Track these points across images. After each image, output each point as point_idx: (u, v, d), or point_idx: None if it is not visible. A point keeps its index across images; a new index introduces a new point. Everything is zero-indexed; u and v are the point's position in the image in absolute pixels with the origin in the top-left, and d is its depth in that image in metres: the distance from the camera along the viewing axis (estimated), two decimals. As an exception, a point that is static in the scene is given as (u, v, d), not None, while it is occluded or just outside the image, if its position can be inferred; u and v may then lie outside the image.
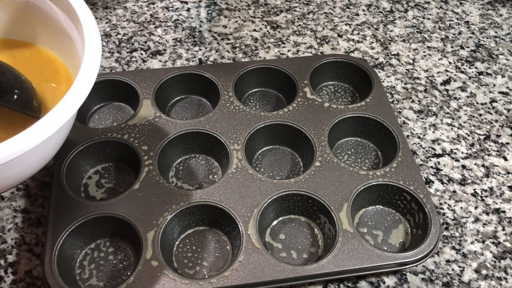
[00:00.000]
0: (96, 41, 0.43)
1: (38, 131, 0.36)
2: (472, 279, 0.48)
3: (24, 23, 0.51)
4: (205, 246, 0.48)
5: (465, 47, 0.71)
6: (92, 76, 0.40)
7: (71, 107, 0.38)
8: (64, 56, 0.51)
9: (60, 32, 0.48)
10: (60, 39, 0.49)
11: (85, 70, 0.40)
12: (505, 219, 0.53)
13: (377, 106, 0.58)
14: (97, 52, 0.42)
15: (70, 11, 0.45)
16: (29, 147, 0.35)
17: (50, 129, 0.36)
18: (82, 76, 0.40)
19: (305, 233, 0.50)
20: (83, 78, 0.40)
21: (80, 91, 0.39)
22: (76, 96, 0.39)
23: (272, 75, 0.61)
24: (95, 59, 0.41)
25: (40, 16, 0.49)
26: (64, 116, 0.37)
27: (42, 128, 0.36)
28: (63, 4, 0.46)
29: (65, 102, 0.38)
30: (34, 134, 0.35)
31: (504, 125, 0.62)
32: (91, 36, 0.43)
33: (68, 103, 0.38)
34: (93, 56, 0.41)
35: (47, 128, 0.36)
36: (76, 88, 0.39)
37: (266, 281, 0.44)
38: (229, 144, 0.53)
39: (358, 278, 0.48)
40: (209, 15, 0.73)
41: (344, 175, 0.51)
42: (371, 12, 0.76)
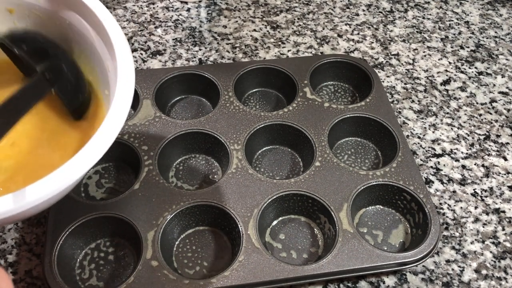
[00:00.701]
0: (130, 77, 0.40)
1: (72, 170, 0.34)
2: (472, 279, 0.48)
3: (59, 40, 0.49)
4: (205, 246, 0.48)
5: (465, 47, 0.71)
6: (125, 111, 0.38)
7: (105, 142, 0.36)
8: (96, 80, 0.49)
9: (94, 57, 0.46)
10: (93, 63, 0.47)
11: (118, 105, 0.38)
12: (505, 219, 0.53)
13: (377, 106, 0.58)
14: (131, 88, 0.40)
15: (106, 39, 0.43)
16: (61, 188, 0.34)
17: (86, 165, 0.35)
18: (115, 110, 0.38)
19: (305, 233, 0.50)
20: (116, 113, 0.37)
21: (113, 127, 0.37)
22: (111, 131, 0.37)
23: (272, 75, 0.61)
24: (128, 95, 0.39)
25: (76, 37, 0.47)
26: (99, 151, 0.36)
27: (77, 167, 0.34)
28: (99, 28, 0.44)
29: (100, 136, 0.36)
30: (68, 173, 0.34)
31: (504, 125, 0.62)
32: (126, 70, 0.40)
33: (103, 137, 0.36)
34: (126, 92, 0.39)
35: (83, 165, 0.34)
36: (110, 122, 0.37)
37: (266, 281, 0.44)
38: (229, 144, 0.53)
39: (358, 278, 0.48)
40: (209, 15, 0.73)
41: (344, 175, 0.51)
42: (371, 12, 0.76)
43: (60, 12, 0.46)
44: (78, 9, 0.45)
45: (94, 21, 0.44)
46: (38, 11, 0.47)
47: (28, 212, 0.33)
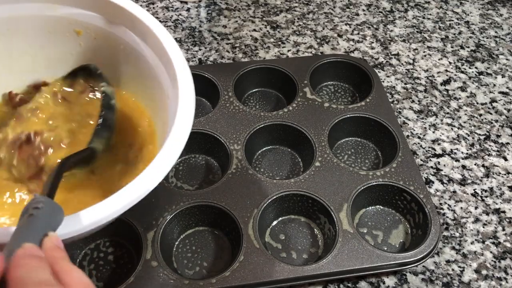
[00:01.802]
0: (190, 107, 0.40)
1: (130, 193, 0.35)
2: (472, 279, 0.48)
3: (117, 64, 0.50)
4: (205, 246, 0.48)
5: (465, 47, 0.71)
6: (183, 139, 0.38)
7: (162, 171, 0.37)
8: (151, 107, 0.49)
9: (154, 84, 0.46)
10: (151, 90, 0.47)
11: (176, 134, 0.38)
12: (505, 219, 0.53)
13: (377, 106, 0.58)
14: (190, 117, 0.40)
15: (169, 68, 0.43)
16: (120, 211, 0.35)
17: (143, 192, 0.36)
18: (173, 139, 0.38)
19: (305, 233, 0.50)
20: (174, 142, 0.38)
21: (171, 154, 0.37)
22: (167, 160, 0.37)
23: (272, 75, 0.61)
24: (187, 124, 0.39)
25: (139, 63, 0.47)
26: (156, 179, 0.36)
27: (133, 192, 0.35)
28: (163, 57, 0.44)
29: (156, 165, 0.36)
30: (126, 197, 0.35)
31: (504, 125, 0.62)
32: (187, 98, 0.40)
33: (160, 165, 0.37)
34: (186, 121, 0.39)
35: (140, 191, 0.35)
36: (167, 151, 0.37)
37: (266, 281, 0.44)
38: (229, 144, 0.53)
39: (358, 278, 0.48)
40: (209, 15, 0.73)
41: (344, 175, 0.51)
42: (371, 12, 0.76)
43: (126, 37, 0.47)
44: (145, 37, 0.45)
45: (159, 49, 0.44)
46: (105, 34, 0.48)
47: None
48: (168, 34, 0.44)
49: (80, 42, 0.49)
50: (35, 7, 0.46)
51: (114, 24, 0.47)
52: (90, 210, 0.34)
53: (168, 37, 0.43)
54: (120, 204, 0.34)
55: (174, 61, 0.42)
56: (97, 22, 0.47)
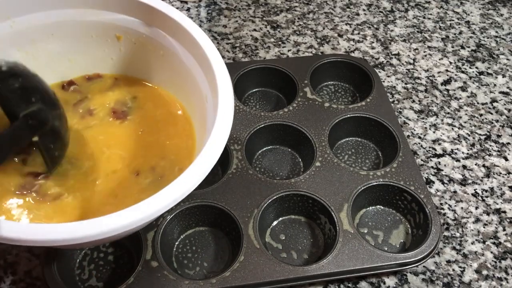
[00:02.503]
0: (229, 110, 0.40)
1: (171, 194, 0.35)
2: (472, 280, 0.48)
3: (155, 69, 0.50)
4: (205, 246, 0.48)
5: (465, 47, 0.71)
6: (221, 145, 0.39)
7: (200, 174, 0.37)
8: (191, 108, 0.49)
9: (192, 88, 0.47)
10: (189, 93, 0.48)
11: (216, 138, 0.39)
12: (506, 220, 0.53)
13: (378, 106, 0.57)
14: (229, 120, 0.40)
15: (209, 71, 0.43)
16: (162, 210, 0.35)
17: (180, 195, 0.36)
18: (212, 143, 0.38)
19: (305, 234, 0.50)
20: (212, 146, 0.38)
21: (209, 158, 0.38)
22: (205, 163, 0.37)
23: (272, 75, 0.61)
24: (226, 128, 0.40)
25: (178, 67, 0.48)
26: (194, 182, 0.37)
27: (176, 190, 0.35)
28: (204, 62, 0.44)
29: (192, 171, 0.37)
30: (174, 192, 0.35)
31: (504, 125, 0.62)
32: (226, 101, 0.41)
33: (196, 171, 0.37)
34: (225, 124, 0.40)
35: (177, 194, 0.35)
36: (207, 154, 0.38)
37: (266, 282, 0.44)
38: (229, 144, 0.53)
39: (358, 279, 0.48)
40: (209, 14, 0.73)
41: (345, 175, 0.51)
42: (371, 11, 0.76)
43: (164, 42, 0.47)
44: (184, 41, 0.45)
45: (199, 53, 0.44)
46: (144, 39, 0.48)
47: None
48: (206, 37, 0.44)
49: (121, 47, 0.49)
50: (79, 13, 0.47)
51: (153, 29, 0.47)
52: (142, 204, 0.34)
53: (207, 40, 0.44)
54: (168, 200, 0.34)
55: (214, 66, 0.43)
56: (137, 27, 0.47)
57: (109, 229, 0.32)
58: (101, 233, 0.32)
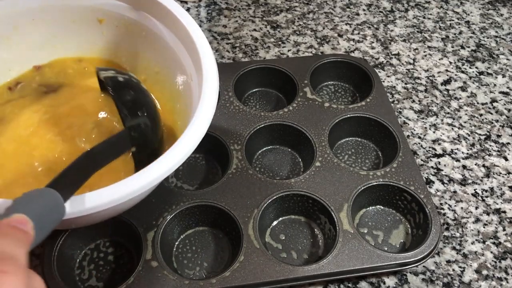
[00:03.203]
0: (214, 90, 0.41)
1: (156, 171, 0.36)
2: (472, 280, 0.48)
3: (139, 51, 0.50)
4: (205, 246, 0.48)
5: (465, 47, 0.71)
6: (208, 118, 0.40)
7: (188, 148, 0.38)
8: (175, 93, 0.49)
9: (176, 68, 0.47)
10: (173, 72, 0.48)
11: (200, 117, 0.40)
12: (506, 219, 0.53)
13: (378, 106, 0.57)
14: (214, 97, 0.41)
15: (194, 53, 0.43)
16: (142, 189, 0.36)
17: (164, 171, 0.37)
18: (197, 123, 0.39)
19: (305, 234, 0.50)
20: (197, 127, 0.39)
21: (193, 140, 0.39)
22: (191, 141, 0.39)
23: (272, 75, 0.61)
24: (212, 103, 0.40)
25: (161, 49, 0.48)
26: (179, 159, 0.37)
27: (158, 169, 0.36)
28: (186, 41, 0.44)
29: (179, 146, 0.38)
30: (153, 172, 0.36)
31: (504, 125, 0.62)
32: (211, 81, 0.41)
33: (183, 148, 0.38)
34: (210, 101, 0.40)
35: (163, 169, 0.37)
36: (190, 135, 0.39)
37: (266, 282, 0.44)
38: (229, 144, 0.53)
39: (358, 279, 0.48)
40: (209, 14, 0.73)
41: (345, 175, 0.51)
42: (371, 11, 0.76)
43: (147, 22, 0.47)
44: (167, 21, 0.45)
45: (183, 33, 0.44)
46: (127, 21, 0.48)
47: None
48: (189, 16, 0.44)
49: (103, 31, 0.49)
50: None
51: (135, 11, 0.47)
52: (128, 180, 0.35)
53: (189, 19, 0.44)
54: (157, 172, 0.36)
55: (198, 44, 0.43)
56: (119, 10, 0.47)
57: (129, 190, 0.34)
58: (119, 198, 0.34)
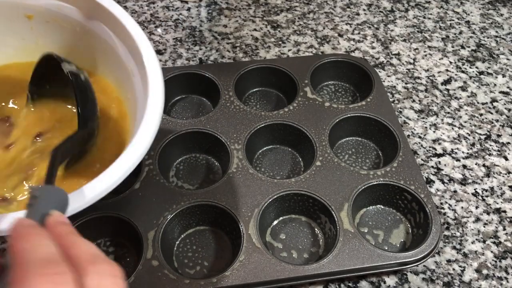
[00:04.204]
0: (159, 83, 0.42)
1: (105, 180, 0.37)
2: (473, 279, 0.48)
3: (82, 48, 0.49)
4: (205, 245, 0.48)
5: (465, 47, 0.71)
6: (157, 116, 0.40)
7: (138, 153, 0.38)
8: (120, 87, 0.49)
9: (116, 62, 0.47)
10: (116, 69, 0.48)
11: (149, 114, 0.40)
12: (506, 219, 0.53)
13: (378, 105, 0.57)
14: (160, 95, 0.41)
15: (132, 46, 0.44)
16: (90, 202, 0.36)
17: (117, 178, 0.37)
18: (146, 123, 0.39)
19: (305, 233, 0.50)
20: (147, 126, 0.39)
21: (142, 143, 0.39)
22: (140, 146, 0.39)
23: (273, 74, 0.61)
24: (158, 103, 0.41)
25: (98, 44, 0.48)
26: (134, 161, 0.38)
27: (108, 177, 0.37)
28: (123, 35, 0.45)
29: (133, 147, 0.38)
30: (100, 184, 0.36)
31: (504, 125, 0.62)
32: (154, 76, 0.42)
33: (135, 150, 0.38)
34: (157, 99, 0.41)
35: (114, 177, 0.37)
36: (140, 138, 0.39)
37: (267, 281, 0.44)
38: (230, 143, 0.53)
39: (358, 278, 0.48)
40: (209, 14, 0.73)
41: (345, 175, 0.51)
42: (371, 11, 0.76)
43: (82, 19, 0.46)
44: (101, 17, 0.45)
45: (118, 27, 0.44)
46: (58, 18, 0.47)
47: None
48: (124, 11, 0.44)
49: (32, 26, 0.48)
50: None
51: (65, 6, 0.46)
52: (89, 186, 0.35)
53: (126, 15, 0.44)
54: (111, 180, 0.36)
55: (136, 38, 0.43)
56: (48, 6, 0.46)
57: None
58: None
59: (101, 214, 0.47)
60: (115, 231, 0.48)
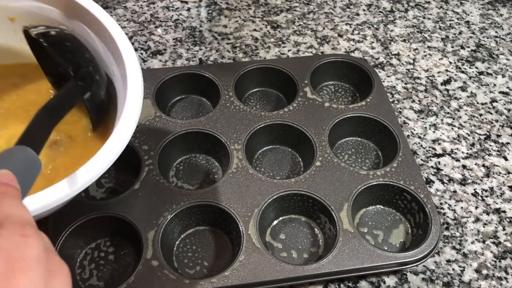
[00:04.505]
0: (138, 84, 0.42)
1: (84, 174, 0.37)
2: (472, 279, 0.48)
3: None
4: (205, 246, 0.48)
5: (465, 47, 0.71)
6: (135, 116, 0.41)
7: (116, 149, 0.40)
8: None
9: (99, 62, 0.47)
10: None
11: (128, 114, 0.41)
12: (506, 219, 0.53)
13: (378, 106, 0.58)
14: (139, 95, 0.42)
15: (111, 45, 0.44)
16: (69, 196, 0.37)
17: (100, 169, 0.38)
18: (125, 120, 0.41)
19: (305, 233, 0.50)
20: (125, 123, 0.41)
21: (122, 138, 0.40)
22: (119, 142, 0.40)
23: (273, 75, 0.61)
24: (137, 103, 0.41)
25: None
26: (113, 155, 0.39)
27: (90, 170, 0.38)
28: (103, 35, 0.45)
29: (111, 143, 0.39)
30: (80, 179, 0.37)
31: (504, 125, 0.62)
32: (135, 78, 0.42)
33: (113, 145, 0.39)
34: (135, 99, 0.42)
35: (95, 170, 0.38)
36: (118, 134, 0.40)
37: (267, 281, 0.44)
38: (230, 144, 0.53)
39: (358, 278, 0.48)
40: (209, 14, 0.73)
41: (345, 175, 0.51)
42: (371, 12, 0.76)
43: (63, 20, 0.47)
44: (81, 17, 0.45)
45: (98, 27, 0.44)
46: (41, 19, 0.47)
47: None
48: (101, 9, 0.45)
49: (15, 29, 0.48)
50: None
51: (46, 8, 0.47)
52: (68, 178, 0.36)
53: (103, 14, 0.44)
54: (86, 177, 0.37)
55: (116, 37, 0.44)
56: (30, 8, 0.47)
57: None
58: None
59: (101, 214, 0.47)
60: (115, 231, 0.48)
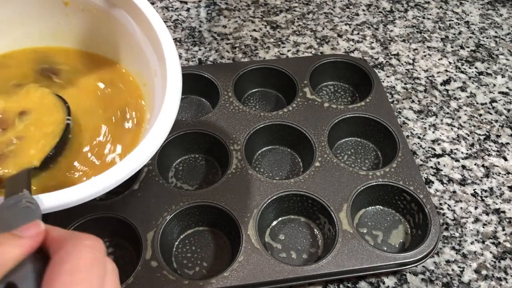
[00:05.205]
0: (177, 84, 0.43)
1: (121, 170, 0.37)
2: (472, 280, 0.48)
3: (107, 37, 0.50)
4: (204, 246, 0.48)
5: (465, 47, 0.71)
6: (172, 115, 0.41)
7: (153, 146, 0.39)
8: (139, 75, 0.50)
9: (140, 59, 0.48)
10: (138, 65, 0.49)
11: (166, 111, 0.41)
12: (505, 219, 0.53)
13: (377, 106, 0.57)
14: (178, 93, 0.43)
15: (156, 45, 0.44)
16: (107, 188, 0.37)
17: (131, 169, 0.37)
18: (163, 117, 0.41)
19: (304, 234, 0.50)
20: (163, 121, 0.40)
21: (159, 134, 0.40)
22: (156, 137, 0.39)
23: (272, 75, 0.61)
24: (175, 101, 0.42)
25: (124, 38, 0.48)
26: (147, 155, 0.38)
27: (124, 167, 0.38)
28: (149, 32, 0.45)
29: (147, 142, 0.39)
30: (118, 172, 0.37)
31: (504, 125, 0.62)
32: (174, 77, 0.43)
33: (150, 143, 0.39)
34: (174, 98, 0.42)
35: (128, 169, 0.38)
36: (157, 129, 0.40)
37: (266, 282, 0.44)
38: (229, 144, 0.53)
39: (357, 279, 0.48)
40: (208, 15, 0.73)
41: (344, 175, 0.51)
42: (371, 12, 0.76)
43: (113, 11, 0.47)
44: (131, 11, 0.46)
45: (145, 25, 0.45)
46: (93, 7, 0.48)
47: None
48: (152, 8, 0.45)
49: (68, 13, 0.49)
50: None
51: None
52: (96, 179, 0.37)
53: (153, 13, 0.45)
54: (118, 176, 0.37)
55: (161, 38, 0.44)
56: None
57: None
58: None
59: (100, 214, 0.47)
60: (114, 232, 0.48)
